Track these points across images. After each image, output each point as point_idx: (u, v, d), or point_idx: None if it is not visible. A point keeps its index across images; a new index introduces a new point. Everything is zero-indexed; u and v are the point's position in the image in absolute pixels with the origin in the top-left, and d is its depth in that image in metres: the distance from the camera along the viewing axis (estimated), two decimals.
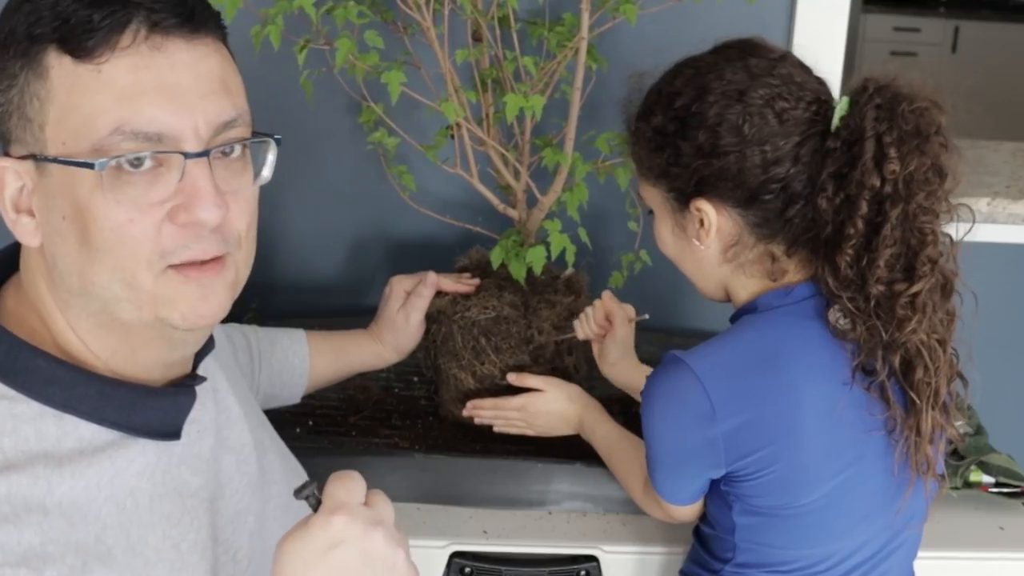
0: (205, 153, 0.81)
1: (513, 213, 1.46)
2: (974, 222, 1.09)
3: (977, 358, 1.13)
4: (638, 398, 1.44)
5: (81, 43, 0.78)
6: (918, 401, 1.07)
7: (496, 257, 1.42)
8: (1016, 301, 1.84)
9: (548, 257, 1.40)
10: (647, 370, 1.43)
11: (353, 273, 1.82)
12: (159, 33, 0.80)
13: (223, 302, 0.87)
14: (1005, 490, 1.43)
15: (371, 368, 1.49)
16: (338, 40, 1.28)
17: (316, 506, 0.78)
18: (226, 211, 0.83)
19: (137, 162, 0.79)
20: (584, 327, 1.45)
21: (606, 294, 1.45)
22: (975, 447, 1.46)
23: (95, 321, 0.85)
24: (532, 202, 1.45)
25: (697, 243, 1.14)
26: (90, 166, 0.78)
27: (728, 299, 1.19)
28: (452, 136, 1.43)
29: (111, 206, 0.80)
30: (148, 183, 0.80)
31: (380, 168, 1.53)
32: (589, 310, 1.45)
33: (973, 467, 1.43)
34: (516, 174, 1.43)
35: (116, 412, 0.84)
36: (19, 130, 0.81)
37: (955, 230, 1.10)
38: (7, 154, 0.82)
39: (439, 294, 1.46)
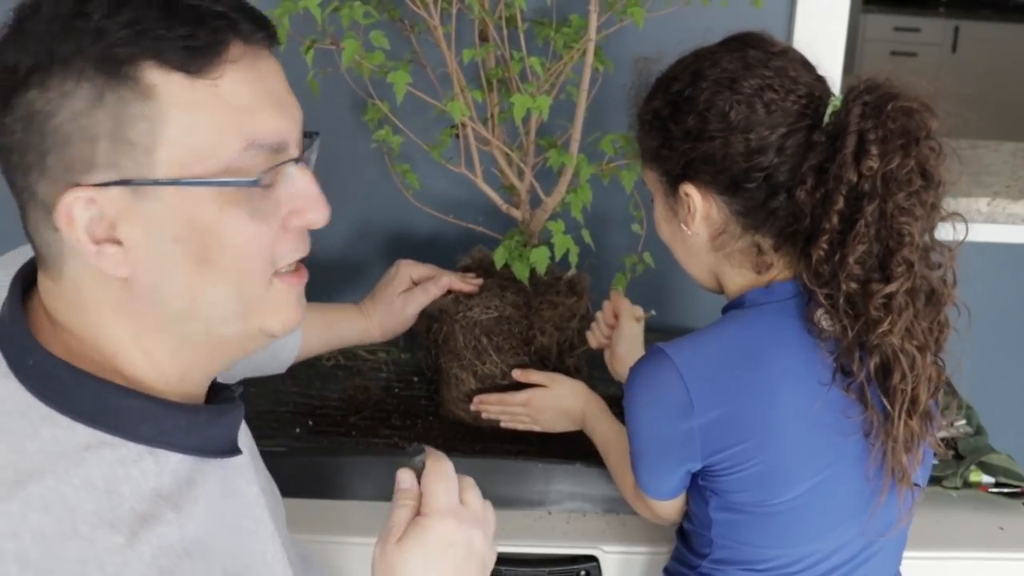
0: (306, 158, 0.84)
1: (517, 213, 1.47)
2: (967, 233, 1.09)
3: (977, 358, 1.13)
4: None
5: (193, 59, 0.75)
6: (890, 408, 1.07)
7: (499, 257, 1.43)
8: (1016, 301, 1.84)
9: (551, 258, 1.41)
10: None
11: (356, 271, 1.83)
12: (253, 45, 0.79)
13: (305, 305, 0.88)
14: (1005, 490, 1.43)
15: (356, 343, 1.50)
16: (344, 40, 1.28)
17: (419, 474, 0.89)
18: None
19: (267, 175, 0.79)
20: (596, 335, 1.46)
21: (615, 292, 1.46)
22: (975, 447, 1.46)
23: (186, 343, 0.82)
24: (536, 203, 1.46)
25: (685, 228, 1.15)
26: (255, 183, 0.77)
27: (719, 289, 1.20)
28: (457, 135, 1.43)
29: (244, 222, 0.78)
30: (269, 193, 0.80)
31: (384, 166, 1.53)
32: (599, 315, 1.46)
33: (973, 467, 1.44)
34: (520, 174, 1.43)
35: (196, 438, 0.82)
36: (108, 155, 0.74)
37: (952, 239, 1.10)
38: (75, 184, 0.75)
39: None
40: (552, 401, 1.40)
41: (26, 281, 0.83)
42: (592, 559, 1.33)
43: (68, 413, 0.76)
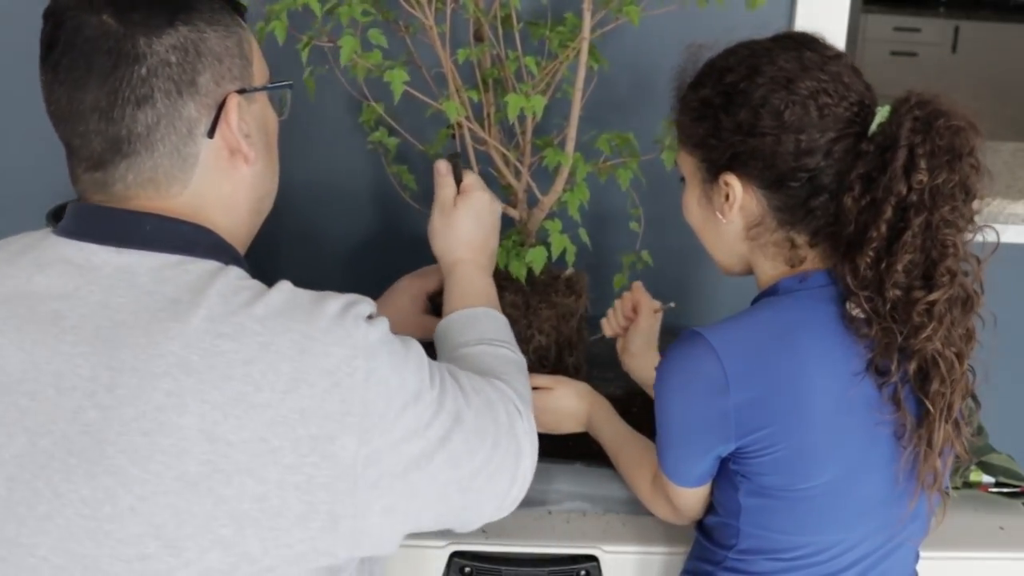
0: None
1: (514, 213, 1.46)
2: (998, 243, 1.13)
3: (977, 358, 1.14)
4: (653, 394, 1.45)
5: (243, 10, 1.05)
6: (932, 412, 1.09)
7: (497, 257, 1.42)
8: (1016, 302, 1.84)
9: (548, 257, 1.41)
10: None
11: (353, 272, 1.82)
12: None
13: None
14: (1005, 490, 1.43)
15: None
16: (342, 38, 1.28)
17: (459, 174, 1.34)
18: None
19: None
20: (611, 322, 1.47)
21: (636, 284, 1.48)
22: (975, 447, 1.46)
23: (257, 220, 1.09)
24: (533, 202, 1.46)
25: (720, 216, 1.17)
26: (290, 86, 1.10)
27: (744, 272, 1.22)
28: (453, 136, 1.43)
29: (275, 117, 1.09)
30: None
31: (381, 167, 1.53)
32: (618, 303, 1.47)
33: (973, 467, 1.44)
34: (517, 174, 1.43)
35: None
36: (238, 69, 1.01)
37: (980, 250, 1.13)
38: (227, 93, 1.00)
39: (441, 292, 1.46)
40: (556, 403, 1.40)
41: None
42: (592, 559, 1.32)
43: (194, 254, 0.96)
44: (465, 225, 1.32)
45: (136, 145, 0.96)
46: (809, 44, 1.15)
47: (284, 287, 0.96)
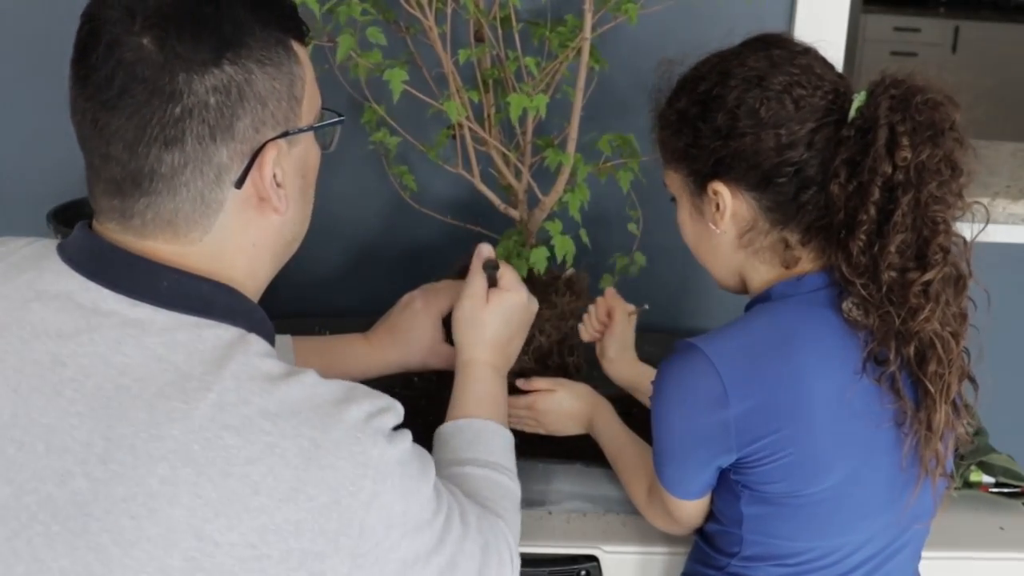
0: None
1: (514, 213, 1.46)
2: (988, 221, 1.12)
3: (971, 340, 1.14)
4: (638, 397, 1.44)
5: (304, 33, 0.98)
6: (932, 393, 1.09)
7: (498, 257, 1.42)
8: (1016, 301, 1.84)
9: (549, 258, 1.41)
10: (646, 368, 1.43)
11: (354, 272, 1.83)
12: None
13: None
14: (1005, 490, 1.43)
15: (362, 376, 1.43)
16: (340, 36, 1.28)
17: (493, 276, 1.29)
18: None
19: None
20: (587, 328, 1.46)
21: (609, 290, 1.47)
22: (975, 447, 1.46)
23: (278, 265, 1.01)
24: (533, 202, 1.46)
25: (713, 227, 1.16)
26: (341, 122, 1.01)
27: (743, 290, 1.21)
28: (454, 136, 1.43)
29: (317, 154, 1.01)
30: None
31: (382, 168, 1.53)
32: (591, 308, 1.46)
33: (973, 467, 1.44)
34: (518, 174, 1.43)
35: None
36: (284, 111, 0.93)
37: (969, 231, 1.12)
38: (266, 140, 0.92)
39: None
40: (557, 405, 1.40)
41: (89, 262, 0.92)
42: (592, 559, 1.32)
43: (212, 316, 0.90)
44: (494, 326, 1.27)
45: (158, 185, 0.89)
46: (776, 43, 1.15)
47: (307, 379, 0.89)
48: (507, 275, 1.29)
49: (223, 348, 0.88)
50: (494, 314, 1.27)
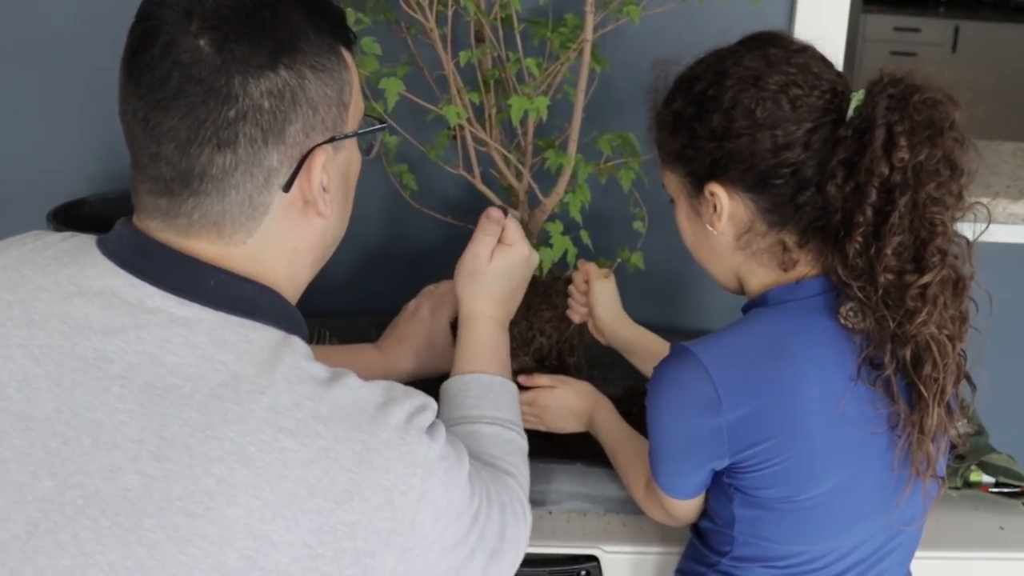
0: None
1: (515, 214, 1.46)
2: (989, 222, 1.10)
3: (970, 341, 1.13)
4: (636, 362, 1.46)
5: (352, 40, 0.98)
6: (925, 394, 1.07)
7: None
8: (1016, 301, 1.84)
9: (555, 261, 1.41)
10: (642, 330, 1.46)
11: (354, 272, 1.83)
12: None
13: None
14: (1005, 490, 1.43)
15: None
16: None
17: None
18: None
19: None
20: (575, 308, 1.47)
21: (580, 262, 1.47)
22: (975, 447, 1.46)
23: (317, 268, 1.02)
24: (534, 203, 1.46)
25: (711, 229, 1.15)
26: (384, 128, 1.05)
27: (737, 290, 1.20)
28: (455, 137, 1.43)
29: (359, 160, 1.02)
30: None
31: (381, 168, 1.53)
32: (572, 289, 1.47)
33: (973, 467, 1.44)
34: (518, 175, 1.43)
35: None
36: (332, 117, 0.94)
37: (971, 231, 1.11)
38: (316, 145, 0.93)
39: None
40: (558, 401, 1.41)
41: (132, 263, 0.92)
42: (592, 559, 1.33)
43: (256, 318, 0.91)
44: (498, 279, 1.28)
45: (207, 186, 0.89)
46: (773, 41, 1.14)
47: (351, 383, 0.90)
48: (511, 228, 1.29)
49: (270, 350, 0.89)
50: (499, 269, 1.27)
